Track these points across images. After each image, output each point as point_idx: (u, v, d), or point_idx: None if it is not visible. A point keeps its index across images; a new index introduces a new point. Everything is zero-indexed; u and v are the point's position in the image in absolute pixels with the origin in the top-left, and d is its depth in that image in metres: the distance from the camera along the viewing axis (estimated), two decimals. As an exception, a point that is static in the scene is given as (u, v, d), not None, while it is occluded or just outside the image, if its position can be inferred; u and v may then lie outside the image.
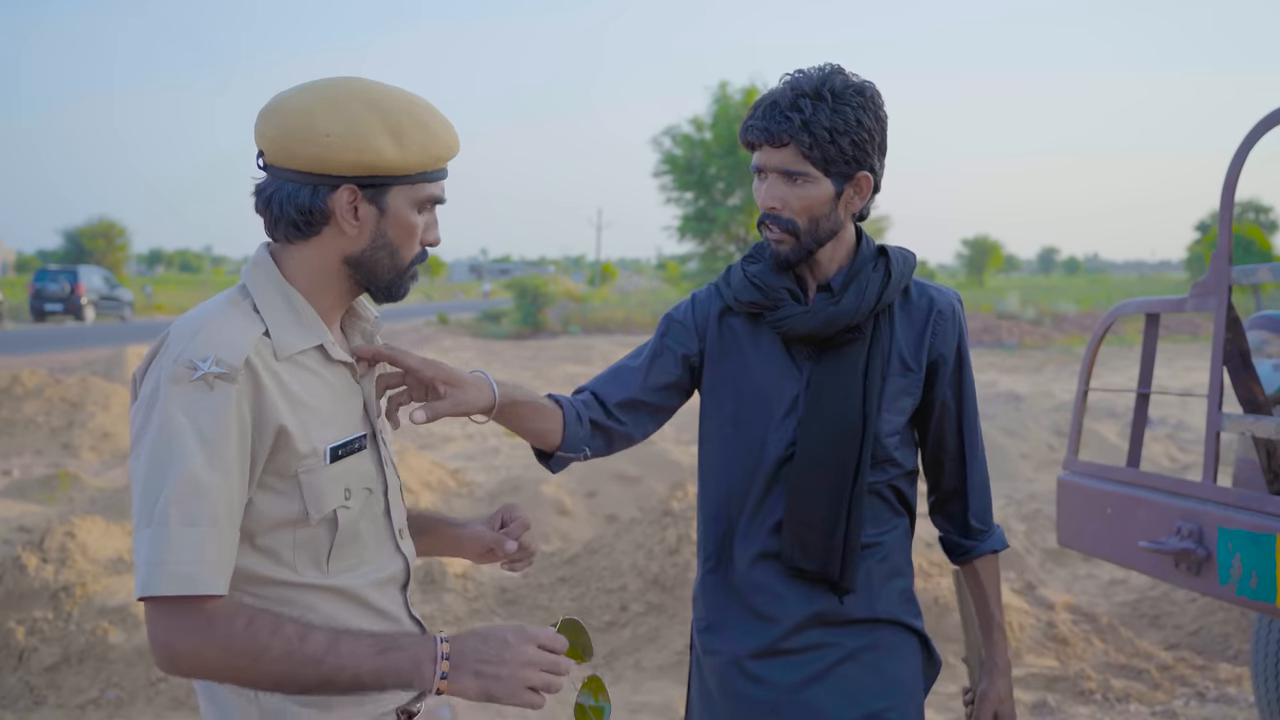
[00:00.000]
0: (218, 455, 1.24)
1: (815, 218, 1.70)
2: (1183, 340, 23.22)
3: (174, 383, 1.24)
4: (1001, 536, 1.93)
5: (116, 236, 50.65)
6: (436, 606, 4.68)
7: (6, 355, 17.55)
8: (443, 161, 1.40)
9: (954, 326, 1.81)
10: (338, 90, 1.35)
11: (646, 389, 1.83)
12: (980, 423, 1.91)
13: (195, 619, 1.22)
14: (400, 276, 1.42)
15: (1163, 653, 4.67)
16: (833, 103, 1.64)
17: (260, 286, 1.37)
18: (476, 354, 20.69)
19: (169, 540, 1.22)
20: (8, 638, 4.18)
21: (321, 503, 1.33)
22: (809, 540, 1.72)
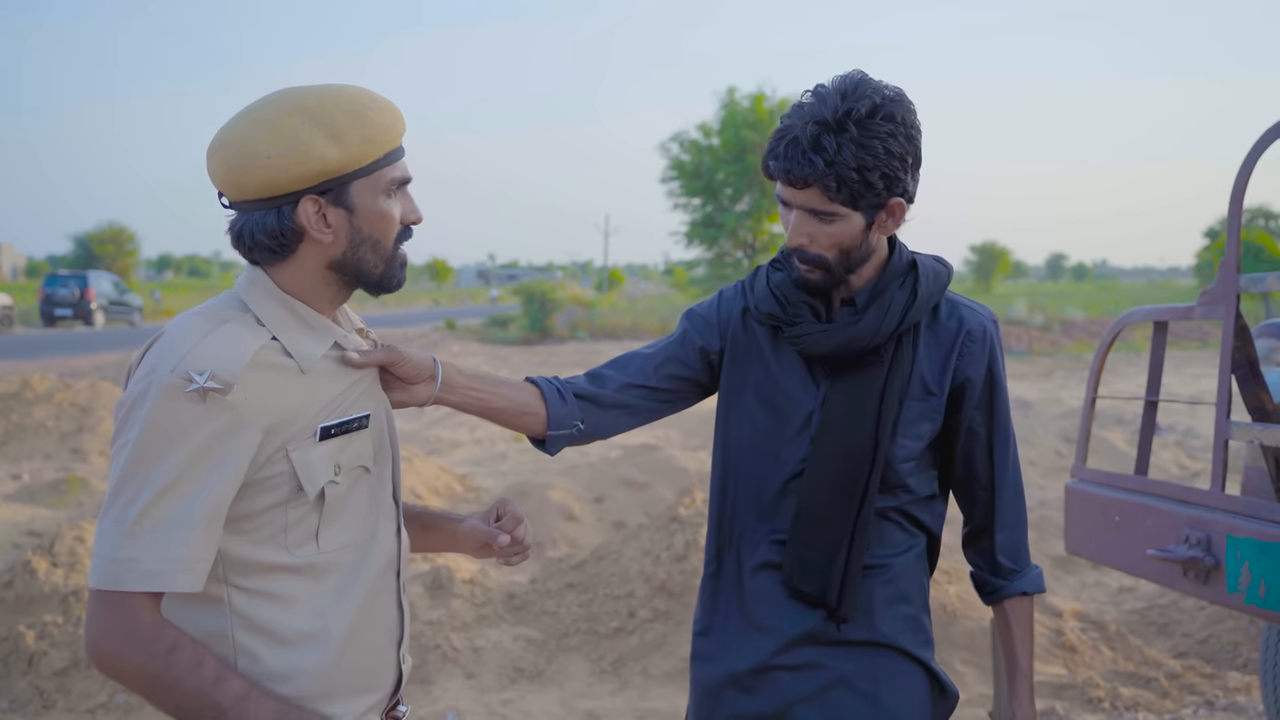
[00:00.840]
0: (204, 463, 1.26)
1: (846, 250, 1.62)
2: (1192, 347, 23.15)
3: (169, 391, 1.26)
4: (1036, 578, 1.79)
5: (126, 242, 50.86)
6: (444, 612, 4.68)
7: (17, 360, 17.62)
8: (391, 145, 1.39)
9: (984, 349, 1.70)
10: (268, 109, 1.35)
11: (659, 375, 1.79)
12: (1016, 452, 1.78)
13: (130, 621, 1.26)
14: (389, 265, 1.43)
15: (1171, 661, 4.65)
16: (858, 135, 1.53)
17: (262, 303, 1.39)
18: (484, 359, 20.72)
19: (143, 540, 1.25)
20: (18, 642, 4.20)
21: (314, 478, 1.35)
22: (811, 562, 1.67)
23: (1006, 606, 1.78)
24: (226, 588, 1.34)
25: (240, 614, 1.34)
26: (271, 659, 1.35)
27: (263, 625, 1.35)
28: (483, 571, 5.12)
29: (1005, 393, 1.75)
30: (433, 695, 4.21)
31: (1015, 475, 1.77)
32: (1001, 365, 1.74)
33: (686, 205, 38.54)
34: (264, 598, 1.35)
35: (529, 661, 4.47)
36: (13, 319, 27.63)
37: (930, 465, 1.74)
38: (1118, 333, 3.12)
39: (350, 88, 1.40)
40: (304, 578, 1.37)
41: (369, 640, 1.44)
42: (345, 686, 1.40)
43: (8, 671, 4.16)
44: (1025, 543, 1.78)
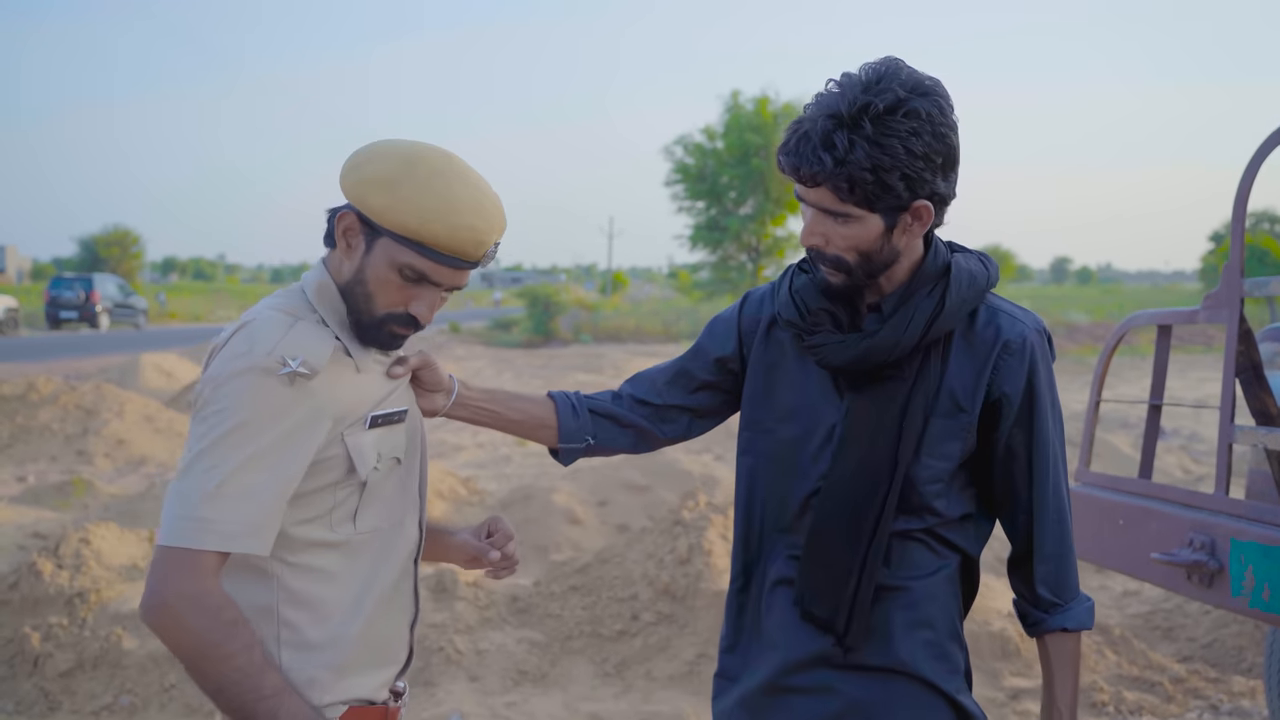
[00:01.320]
0: (285, 440, 1.38)
1: (865, 253, 1.50)
2: (1196, 351, 23.12)
3: (263, 372, 1.38)
4: (1082, 613, 1.62)
5: (131, 245, 50.91)
6: (448, 615, 4.69)
7: (22, 362, 17.66)
8: (440, 243, 1.43)
9: (1023, 361, 1.56)
10: (415, 150, 1.46)
11: (667, 392, 1.77)
12: (1063, 476, 1.63)
13: (204, 582, 1.35)
14: (375, 324, 1.48)
15: (1176, 665, 4.65)
16: (874, 133, 1.41)
17: (330, 308, 1.50)
18: (488, 362, 20.74)
19: (224, 503, 1.35)
20: (23, 643, 4.21)
21: (364, 460, 1.47)
22: (822, 584, 1.58)
23: (1047, 641, 1.63)
24: (276, 563, 1.45)
25: (286, 588, 1.45)
26: (311, 630, 1.46)
27: (305, 598, 1.46)
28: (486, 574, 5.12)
29: (1051, 410, 1.60)
30: (436, 698, 4.21)
31: (1059, 501, 1.61)
32: (1047, 380, 1.59)
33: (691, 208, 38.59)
34: (308, 573, 1.46)
35: (532, 664, 4.48)
36: (18, 321, 27.70)
37: (965, 485, 1.62)
38: (1122, 336, 3.12)
39: (478, 183, 1.48)
40: (341, 555, 1.49)
41: (391, 618, 1.55)
42: (369, 659, 1.52)
43: (13, 673, 4.17)
44: (1071, 574, 1.63)
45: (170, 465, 9.32)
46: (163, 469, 9.16)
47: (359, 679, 1.51)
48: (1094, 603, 1.66)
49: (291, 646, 1.45)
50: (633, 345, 26.05)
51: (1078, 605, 1.63)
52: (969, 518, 1.63)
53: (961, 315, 1.55)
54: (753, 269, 38.70)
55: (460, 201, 1.44)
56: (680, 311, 33.37)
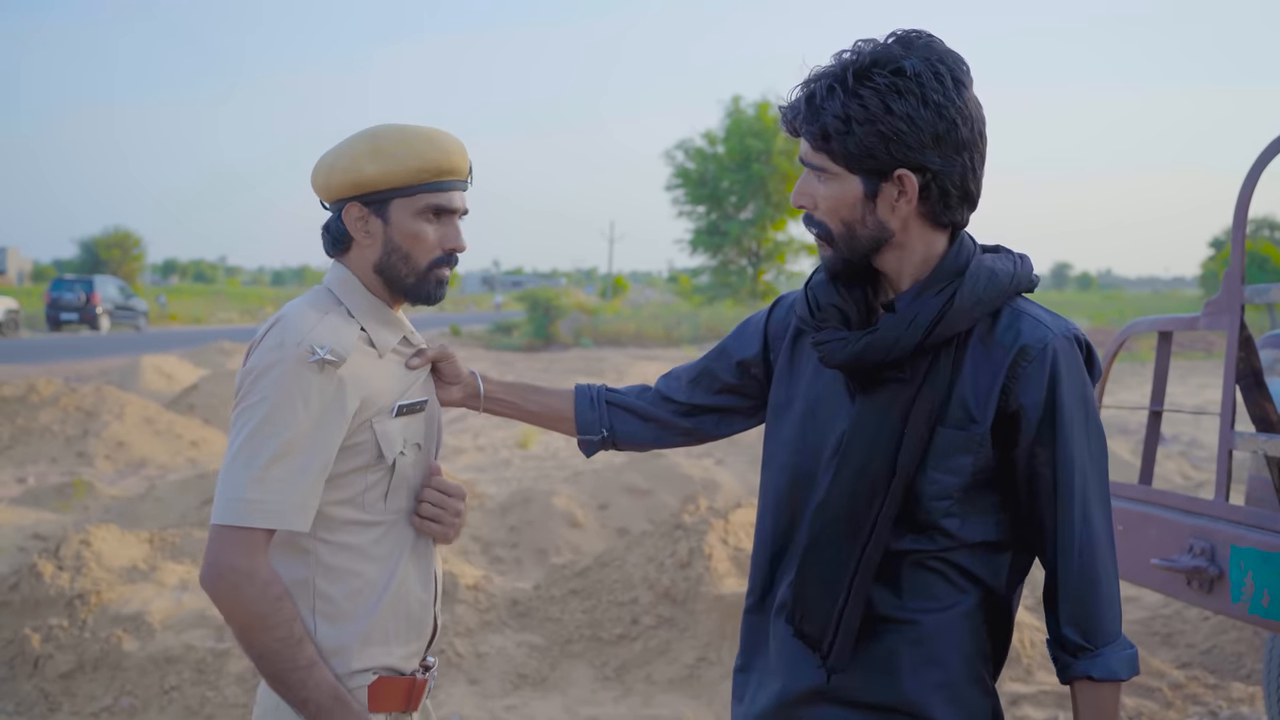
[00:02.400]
0: (319, 423, 1.51)
1: (847, 222, 1.44)
2: (1197, 357, 23.12)
3: (297, 362, 1.51)
4: (1114, 662, 1.44)
5: (132, 247, 50.98)
6: (448, 617, 4.69)
7: (23, 364, 17.67)
8: (432, 174, 1.60)
9: (1043, 370, 1.41)
10: (358, 132, 1.63)
11: (690, 391, 1.76)
12: (1097, 503, 1.45)
13: (257, 558, 1.49)
14: (421, 279, 1.65)
15: (1175, 671, 4.65)
16: (854, 85, 1.37)
17: (354, 299, 1.64)
18: (489, 365, 20.75)
19: (269, 485, 1.49)
20: (23, 645, 4.21)
21: (391, 446, 1.60)
22: (815, 601, 1.48)
23: (1074, 688, 1.46)
24: (314, 541, 1.57)
25: (322, 563, 1.58)
26: (345, 602, 1.58)
27: (340, 572, 1.58)
28: (487, 578, 5.13)
29: (1083, 427, 1.44)
30: (436, 700, 4.22)
31: (1089, 530, 1.44)
32: (1075, 393, 1.43)
33: (691, 213, 38.63)
34: (343, 549, 1.59)
35: (532, 668, 4.48)
36: (19, 323, 27.70)
37: (989, 508, 1.48)
38: (1122, 343, 3.12)
39: (425, 127, 1.64)
40: (372, 533, 1.61)
41: (415, 594, 1.67)
42: (397, 631, 1.63)
43: (13, 674, 4.17)
44: (1104, 615, 1.44)
45: (171, 467, 9.33)
46: (163, 471, 9.16)
47: (388, 648, 1.62)
48: (1136, 651, 1.46)
49: (326, 617, 1.57)
50: (633, 349, 26.05)
51: (1112, 652, 1.44)
52: (995, 546, 1.49)
53: (976, 316, 1.43)
54: (753, 273, 38.73)
55: (424, 133, 1.61)
56: (681, 316, 33.38)
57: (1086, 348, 1.46)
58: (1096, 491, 1.46)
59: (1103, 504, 1.47)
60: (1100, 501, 1.46)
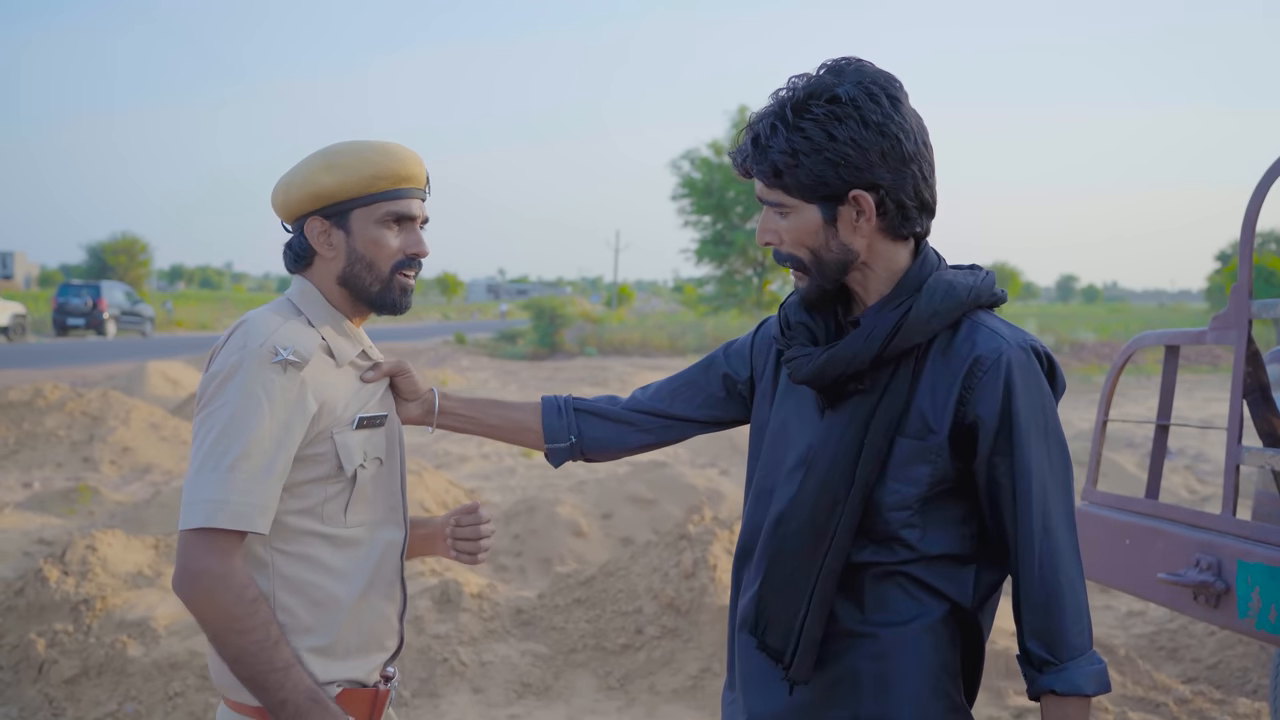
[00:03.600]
0: (282, 424, 1.54)
1: (813, 249, 1.48)
2: (1203, 371, 23.07)
3: (258, 362, 1.53)
4: (1079, 676, 1.42)
5: (139, 252, 51.15)
6: (452, 626, 4.69)
7: (29, 369, 17.71)
8: (389, 182, 1.64)
9: (998, 381, 1.43)
10: (314, 151, 1.68)
11: (673, 399, 1.77)
12: (1059, 513, 1.45)
13: (229, 560, 1.50)
14: (386, 286, 1.68)
15: (1181, 686, 4.63)
16: (794, 120, 1.42)
17: (313, 309, 1.68)
18: (493, 374, 20.76)
19: (234, 485, 1.50)
20: (28, 650, 4.22)
21: (351, 458, 1.62)
22: (775, 611, 1.49)
23: (1042, 704, 1.45)
24: (272, 552, 1.59)
25: (281, 574, 1.59)
26: (305, 614, 1.60)
27: (299, 584, 1.59)
28: (491, 586, 5.12)
29: (1041, 438, 1.45)
30: (440, 709, 4.21)
31: (1050, 541, 1.44)
32: (1032, 403, 1.44)
33: (697, 223, 38.64)
34: (301, 560, 1.60)
35: (536, 677, 4.47)
36: (26, 328, 27.77)
37: (948, 520, 1.49)
38: (1129, 356, 3.12)
39: (379, 140, 1.68)
40: (333, 546, 1.62)
41: (378, 607, 1.69)
42: (359, 644, 1.65)
43: (18, 679, 4.18)
44: (1067, 627, 1.42)
45: (176, 473, 9.33)
46: (168, 476, 9.17)
47: (350, 662, 1.64)
48: (1105, 665, 1.44)
49: (289, 630, 1.58)
50: (638, 358, 26.05)
51: (1078, 666, 1.42)
52: (958, 560, 1.49)
53: (934, 329, 1.45)
54: (758, 283, 38.74)
55: (378, 145, 1.66)
56: (686, 325, 33.39)
57: (1047, 359, 1.48)
58: (1058, 502, 1.46)
59: (1065, 515, 1.46)
60: (1062, 512, 1.46)
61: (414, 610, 4.79)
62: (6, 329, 26.73)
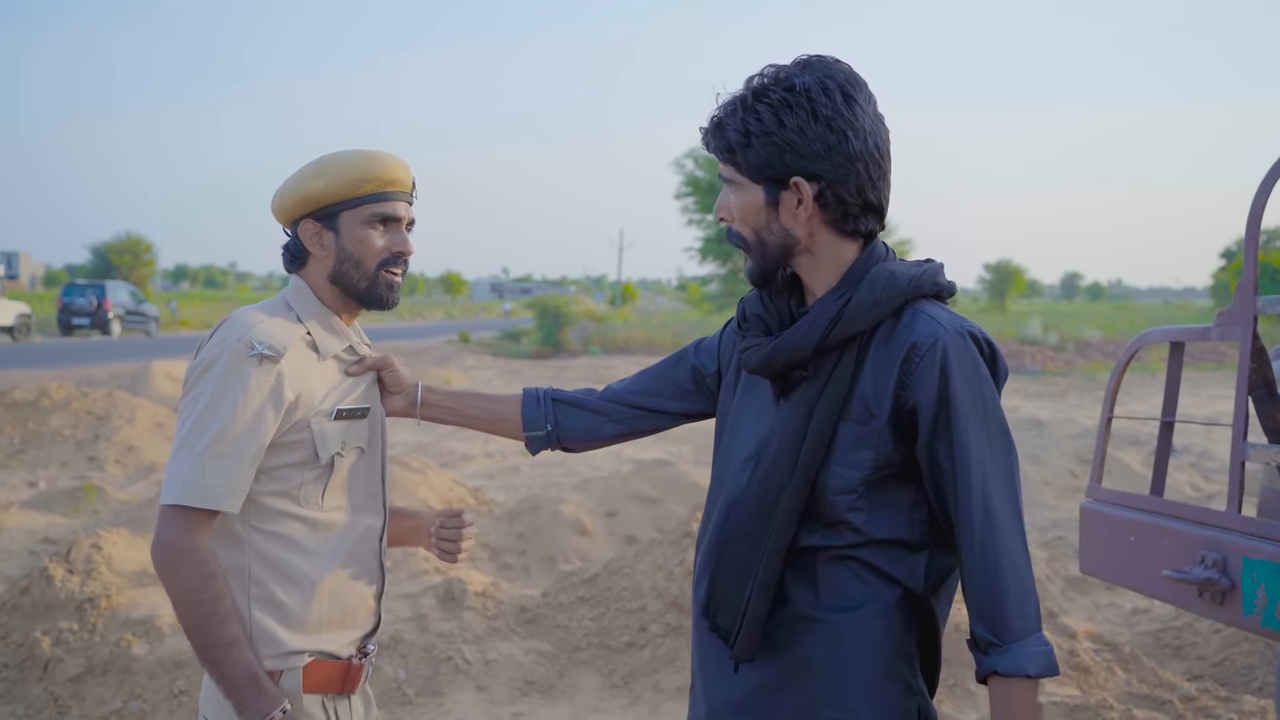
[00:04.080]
0: (255, 412, 1.65)
1: (756, 229, 1.54)
2: (1207, 368, 23.03)
3: (236, 356, 1.66)
4: (1022, 657, 1.43)
5: (143, 252, 51.18)
6: (456, 624, 4.69)
7: (34, 368, 17.75)
8: (375, 185, 1.77)
9: (933, 365, 1.46)
10: (309, 162, 1.80)
11: (645, 392, 1.84)
12: (999, 496, 1.47)
13: (197, 534, 1.63)
14: (373, 283, 1.80)
15: (1186, 683, 4.63)
16: (751, 103, 1.50)
17: (303, 306, 1.81)
18: (497, 372, 20.77)
19: (207, 467, 1.63)
20: (33, 648, 4.22)
21: (327, 446, 1.73)
22: (728, 594, 1.53)
23: (989, 685, 1.46)
24: (249, 529, 1.71)
25: (257, 550, 1.71)
26: (279, 590, 1.71)
27: (274, 561, 1.71)
28: (495, 584, 5.13)
29: (980, 421, 1.47)
30: (444, 707, 4.22)
31: (990, 523, 1.45)
32: (969, 386, 1.47)
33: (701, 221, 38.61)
34: (277, 539, 1.71)
35: (540, 675, 4.48)
36: (31, 327, 27.82)
37: (896, 505, 1.51)
38: (1134, 353, 3.11)
39: (368, 149, 1.82)
40: (308, 527, 1.74)
41: (354, 587, 1.80)
42: (332, 620, 1.76)
43: (23, 678, 4.18)
44: (1010, 610, 1.44)
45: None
46: (173, 476, 9.18)
47: (323, 635, 1.75)
48: (1051, 648, 1.45)
49: (260, 602, 1.70)
50: (642, 357, 26.04)
51: (1021, 647, 1.43)
52: (909, 546, 1.52)
53: (875, 317, 1.49)
54: (762, 282, 38.67)
55: (366, 152, 1.79)
56: (689, 324, 33.37)
57: (988, 345, 1.51)
58: (999, 484, 1.47)
59: (1007, 497, 1.47)
60: (1004, 495, 1.47)
61: (418, 608, 4.79)
62: (12, 329, 26.78)
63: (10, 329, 26.74)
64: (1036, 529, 7.67)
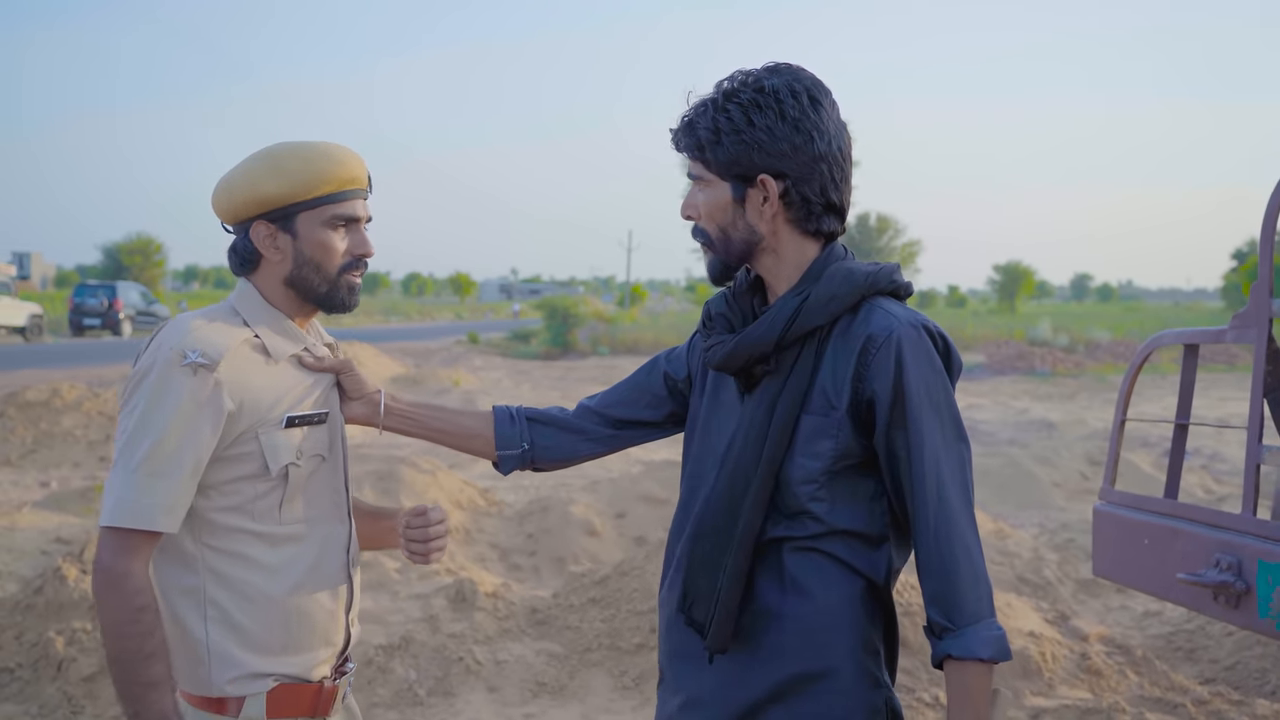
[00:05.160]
0: (189, 425, 1.56)
1: (722, 226, 1.58)
2: (1219, 370, 22.94)
3: (168, 365, 1.56)
4: (975, 641, 1.46)
5: (154, 253, 51.33)
6: (467, 625, 4.70)
7: (46, 368, 17.83)
8: (333, 185, 1.67)
9: (889, 357, 1.50)
10: (250, 155, 1.69)
11: (619, 405, 1.83)
12: (952, 484, 1.51)
13: (133, 557, 1.54)
14: (333, 287, 1.70)
15: (1199, 687, 4.61)
16: (722, 103, 1.55)
17: (250, 309, 1.70)
18: (506, 373, 20.79)
19: (140, 485, 1.53)
20: (47, 648, 4.24)
21: (278, 457, 1.63)
22: (700, 587, 1.57)
23: (945, 669, 1.50)
24: (201, 547, 1.62)
25: (211, 569, 1.62)
26: (236, 612, 1.62)
27: (230, 580, 1.62)
28: (505, 585, 5.13)
29: (928, 411, 1.51)
30: (455, 708, 4.22)
31: (944, 510, 1.49)
32: (921, 378, 1.51)
33: (709, 222, 38.53)
34: (232, 557, 1.62)
35: (551, 676, 4.48)
36: (43, 328, 27.95)
37: (858, 496, 1.56)
38: (1148, 355, 3.10)
39: (320, 142, 1.70)
40: (266, 543, 1.64)
41: (320, 603, 1.69)
42: (299, 641, 1.67)
43: (37, 677, 4.20)
44: (964, 595, 1.48)
45: (191, 472, 9.37)
46: (184, 476, 9.22)
47: (289, 658, 1.65)
48: (1004, 633, 1.49)
49: (218, 624, 1.61)
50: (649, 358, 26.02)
51: (974, 631, 1.46)
52: (871, 539, 1.57)
53: (833, 311, 1.54)
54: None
55: (320, 148, 1.68)
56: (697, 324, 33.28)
57: (941, 339, 1.55)
58: (952, 473, 1.51)
59: (959, 485, 1.52)
60: (956, 484, 1.52)
61: (429, 609, 4.80)
62: (24, 329, 26.91)
63: (22, 329, 26.87)
64: (1047, 531, 7.65)
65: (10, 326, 26.70)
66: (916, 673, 4.31)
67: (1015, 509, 8.41)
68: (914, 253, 57.94)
